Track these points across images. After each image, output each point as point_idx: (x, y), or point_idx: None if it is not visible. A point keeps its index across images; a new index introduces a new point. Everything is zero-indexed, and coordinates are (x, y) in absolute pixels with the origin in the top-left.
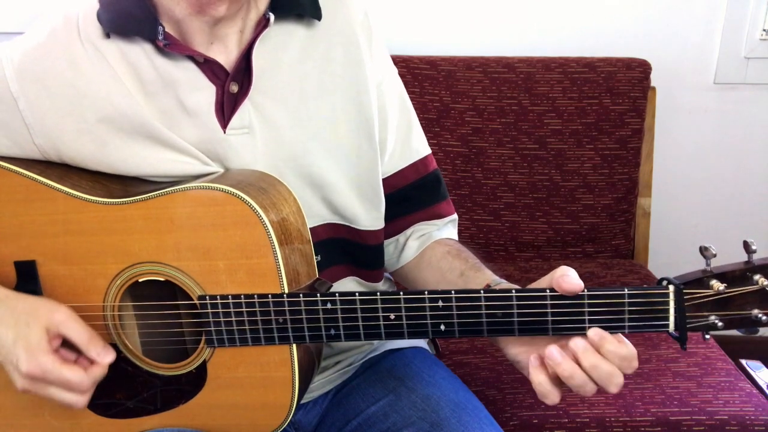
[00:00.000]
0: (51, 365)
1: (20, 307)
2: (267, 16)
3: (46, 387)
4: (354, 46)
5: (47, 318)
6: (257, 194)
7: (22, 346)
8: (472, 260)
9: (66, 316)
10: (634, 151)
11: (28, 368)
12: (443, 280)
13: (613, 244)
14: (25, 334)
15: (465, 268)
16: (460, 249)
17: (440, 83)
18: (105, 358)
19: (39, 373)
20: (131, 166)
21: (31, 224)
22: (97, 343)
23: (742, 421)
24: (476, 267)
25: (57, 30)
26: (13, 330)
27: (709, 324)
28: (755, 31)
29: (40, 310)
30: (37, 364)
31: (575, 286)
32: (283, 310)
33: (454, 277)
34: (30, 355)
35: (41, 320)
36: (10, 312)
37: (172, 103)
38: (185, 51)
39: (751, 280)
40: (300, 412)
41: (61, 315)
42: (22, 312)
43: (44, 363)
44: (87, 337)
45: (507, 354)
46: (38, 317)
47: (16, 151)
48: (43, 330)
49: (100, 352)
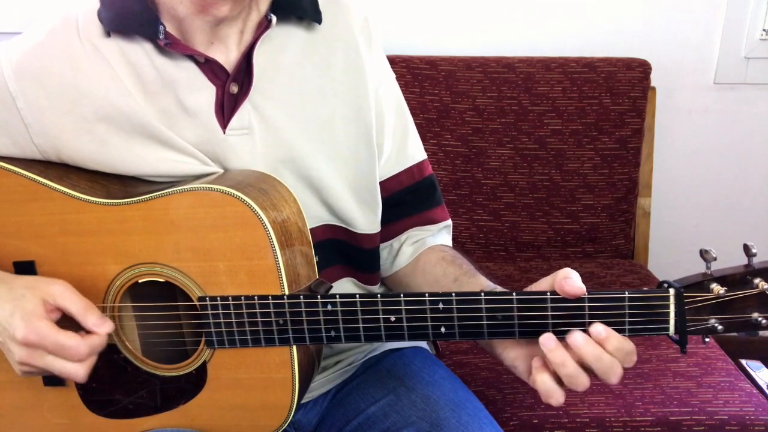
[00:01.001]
0: (47, 330)
1: (18, 283)
2: (269, 18)
3: (43, 355)
4: (354, 51)
5: (44, 290)
6: (258, 195)
7: (18, 316)
8: (467, 266)
9: (63, 287)
10: (634, 151)
11: (24, 333)
12: (437, 285)
13: (613, 244)
14: (22, 305)
15: (459, 273)
16: (455, 255)
17: (440, 83)
18: (102, 328)
19: (35, 338)
20: (131, 166)
21: (30, 225)
22: (93, 313)
23: (742, 421)
24: (470, 273)
25: (56, 29)
26: (10, 304)
27: (709, 327)
28: (755, 31)
29: (38, 284)
30: (32, 329)
31: (578, 289)
32: (284, 312)
33: (448, 282)
34: (26, 322)
35: (38, 292)
36: (8, 288)
37: (171, 103)
38: (186, 50)
39: (752, 284)
40: (300, 412)
41: (57, 287)
42: (19, 286)
43: (40, 327)
44: (83, 307)
45: (504, 359)
46: (35, 289)
47: (15, 151)
48: (39, 300)
49: (96, 322)
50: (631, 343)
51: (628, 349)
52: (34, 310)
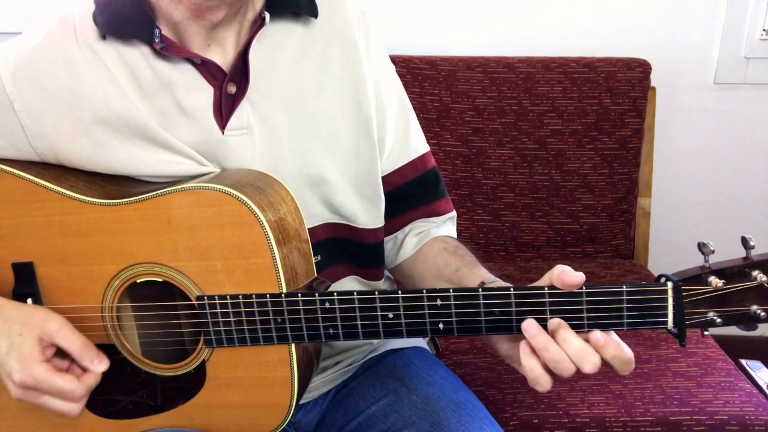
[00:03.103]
0: (43, 375)
1: (13, 316)
2: (263, 16)
3: (40, 396)
4: (351, 45)
5: (40, 327)
6: (254, 194)
7: (14, 357)
8: (468, 257)
9: (59, 325)
10: (634, 151)
11: (21, 378)
12: (439, 276)
13: (613, 244)
14: (18, 344)
15: (460, 264)
16: (457, 246)
17: (440, 83)
18: (98, 367)
19: (32, 383)
20: (128, 167)
21: (28, 226)
22: (90, 351)
23: (742, 421)
24: (472, 264)
25: (53, 31)
26: (6, 340)
27: (708, 320)
28: (755, 31)
29: (33, 319)
30: (29, 374)
31: (576, 278)
32: (282, 310)
33: (449, 273)
34: (23, 366)
35: (34, 330)
36: (3, 321)
37: (169, 105)
38: (182, 53)
39: (750, 276)
40: (300, 412)
41: (54, 324)
42: (15, 321)
43: (37, 373)
44: (80, 346)
45: (499, 350)
46: (31, 327)
47: (12, 153)
48: (35, 340)
49: (93, 360)
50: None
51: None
52: (31, 353)
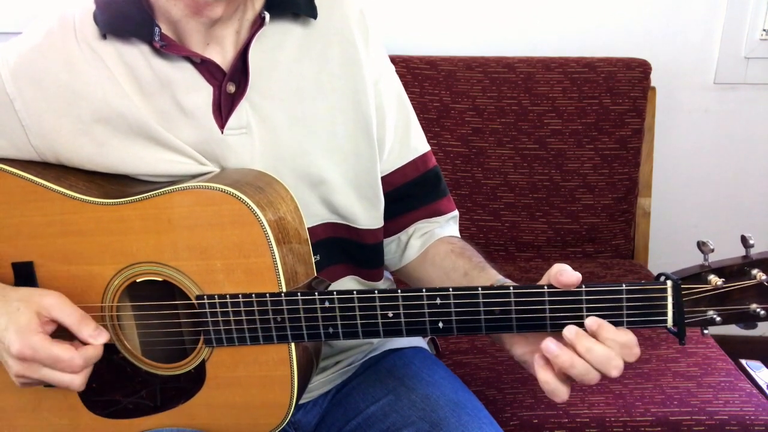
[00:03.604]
0: (40, 344)
1: (13, 296)
2: (262, 15)
3: (39, 368)
4: (351, 45)
5: (38, 302)
6: (254, 193)
7: (12, 330)
8: (476, 259)
9: (57, 299)
10: (634, 151)
11: (19, 348)
12: (447, 279)
13: (613, 244)
14: (16, 318)
15: (469, 267)
16: (464, 247)
17: (440, 83)
18: (97, 339)
19: (29, 352)
20: (128, 166)
21: (28, 225)
22: (88, 324)
23: (742, 421)
24: (480, 266)
25: (53, 31)
26: (4, 317)
27: (708, 319)
28: (755, 31)
29: (32, 296)
30: (26, 344)
31: (573, 277)
32: (281, 309)
33: (458, 276)
34: (20, 336)
35: (32, 305)
36: (3, 300)
37: (169, 104)
38: (182, 52)
39: (749, 275)
40: (300, 412)
41: (51, 299)
42: (14, 299)
43: (34, 342)
44: (78, 319)
45: (513, 355)
46: (30, 303)
47: (12, 153)
48: (33, 313)
49: (92, 333)
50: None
51: (623, 340)
52: (28, 324)
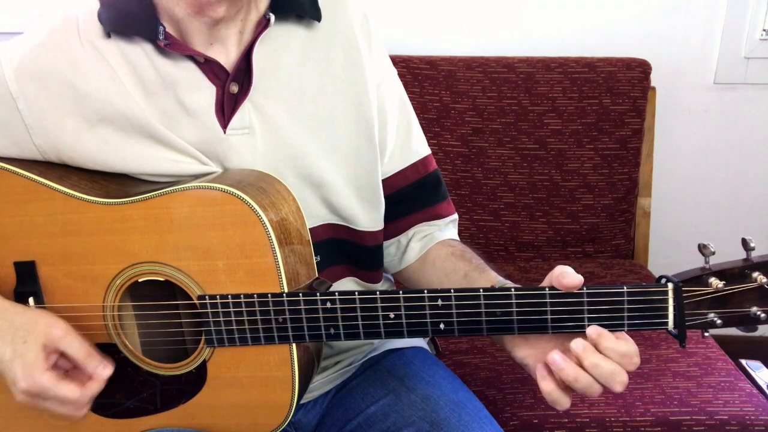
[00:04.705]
0: (48, 383)
1: (18, 322)
2: (267, 17)
3: (44, 402)
4: (354, 48)
5: (45, 334)
6: (256, 194)
7: (18, 364)
8: (476, 261)
9: (63, 332)
10: (634, 151)
11: (26, 387)
12: (447, 281)
13: (613, 244)
14: (22, 351)
15: (469, 269)
16: (464, 250)
17: (440, 83)
18: (103, 373)
19: (36, 390)
20: (131, 165)
21: (30, 225)
22: (94, 359)
23: (742, 421)
24: (480, 268)
25: (56, 30)
26: (10, 346)
27: (708, 322)
28: (755, 31)
29: (38, 326)
30: (33, 383)
31: (575, 280)
32: (283, 310)
33: (458, 278)
34: (27, 374)
35: (39, 337)
36: (8, 326)
37: (172, 103)
38: (185, 51)
39: (750, 278)
40: (300, 412)
41: (58, 331)
42: (19, 327)
43: (41, 381)
44: (84, 353)
45: (515, 357)
46: (36, 333)
47: (15, 152)
48: (40, 347)
49: (98, 367)
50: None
51: (623, 350)
52: (35, 362)
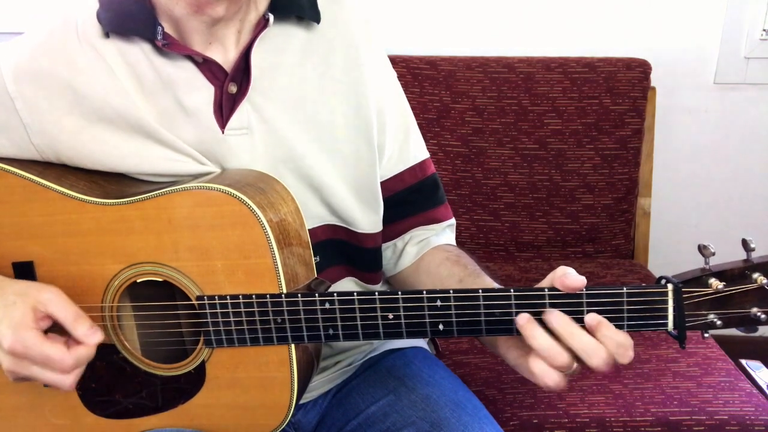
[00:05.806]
0: (32, 341)
1: (10, 289)
2: (266, 17)
3: (29, 366)
4: (354, 51)
5: (35, 297)
6: (255, 194)
7: (6, 324)
8: (472, 267)
9: (53, 294)
10: (634, 151)
11: (11, 343)
12: (441, 286)
13: (613, 244)
14: (11, 311)
15: (464, 274)
16: (460, 255)
17: (440, 83)
18: (91, 338)
19: (21, 348)
20: (129, 165)
21: (28, 225)
22: (83, 323)
23: (742, 421)
24: (475, 273)
25: (55, 31)
26: (1, 311)
27: (708, 322)
28: (755, 31)
29: (30, 290)
30: (18, 339)
31: (578, 281)
32: (282, 311)
33: (453, 283)
34: (13, 331)
35: (29, 299)
36: (0, 294)
37: (170, 103)
38: (184, 51)
39: (750, 279)
40: (300, 412)
41: (49, 294)
42: (11, 293)
43: (26, 338)
44: (73, 316)
45: (507, 359)
46: (26, 297)
47: (14, 152)
48: (29, 308)
49: (86, 332)
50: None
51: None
52: (23, 320)
